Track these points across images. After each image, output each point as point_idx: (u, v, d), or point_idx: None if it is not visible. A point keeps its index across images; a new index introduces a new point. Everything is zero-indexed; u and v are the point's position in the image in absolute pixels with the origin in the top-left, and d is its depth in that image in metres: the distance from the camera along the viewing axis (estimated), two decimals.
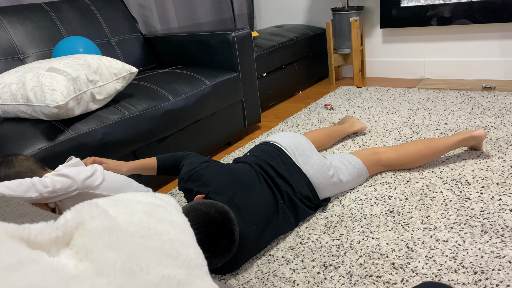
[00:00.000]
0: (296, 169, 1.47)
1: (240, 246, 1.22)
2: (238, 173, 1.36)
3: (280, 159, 1.47)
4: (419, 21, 2.93)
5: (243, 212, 1.26)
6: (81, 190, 1.22)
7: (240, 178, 1.35)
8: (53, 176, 1.18)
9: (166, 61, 2.45)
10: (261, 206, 1.31)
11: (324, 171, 1.49)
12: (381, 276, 1.16)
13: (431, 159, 1.68)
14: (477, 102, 2.40)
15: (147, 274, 0.40)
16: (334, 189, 1.54)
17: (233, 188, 1.30)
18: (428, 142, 1.66)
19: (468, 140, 1.67)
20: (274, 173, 1.42)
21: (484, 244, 1.23)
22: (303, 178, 1.46)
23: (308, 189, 1.46)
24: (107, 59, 1.64)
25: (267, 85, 2.81)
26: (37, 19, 1.99)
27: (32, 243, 0.39)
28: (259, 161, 1.45)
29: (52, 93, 1.39)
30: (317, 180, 1.47)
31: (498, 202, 1.42)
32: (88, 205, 0.45)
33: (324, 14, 3.44)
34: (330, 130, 1.98)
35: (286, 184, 1.42)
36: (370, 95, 2.81)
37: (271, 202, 1.34)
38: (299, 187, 1.44)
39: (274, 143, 1.56)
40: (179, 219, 0.52)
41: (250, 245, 1.25)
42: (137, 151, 1.72)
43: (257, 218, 1.28)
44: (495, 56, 2.81)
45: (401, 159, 1.66)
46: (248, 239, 1.24)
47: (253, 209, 1.28)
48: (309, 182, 1.46)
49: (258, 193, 1.33)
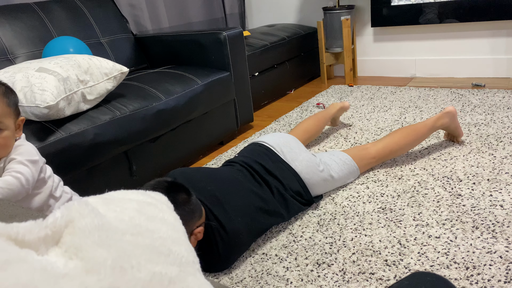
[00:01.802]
0: (286, 166, 1.47)
1: (229, 239, 1.22)
2: (217, 172, 1.37)
3: (268, 157, 1.49)
4: (409, 20, 2.95)
5: (226, 205, 1.25)
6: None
7: (220, 176, 1.36)
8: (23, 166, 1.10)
9: (157, 61, 2.44)
10: (246, 198, 1.30)
11: (313, 166, 1.50)
12: (374, 273, 1.16)
13: (416, 143, 1.73)
14: (467, 99, 2.42)
15: (138, 271, 0.39)
16: (326, 185, 1.54)
17: (212, 184, 1.30)
18: (410, 128, 1.74)
19: (442, 117, 1.75)
20: (263, 170, 1.43)
21: (475, 239, 1.24)
22: (293, 174, 1.46)
23: (298, 185, 1.46)
24: (98, 59, 1.63)
25: (259, 85, 2.81)
26: (27, 19, 1.97)
27: (20, 241, 0.38)
28: (247, 160, 1.47)
29: (42, 93, 1.38)
30: (307, 175, 1.48)
31: (489, 198, 1.43)
32: (78, 203, 0.44)
33: (316, 13, 3.45)
34: (316, 117, 2.03)
35: (276, 180, 1.42)
36: (361, 93, 2.82)
37: (259, 194, 1.35)
38: (290, 183, 1.44)
39: (262, 143, 1.57)
40: (171, 217, 0.52)
41: (239, 237, 1.25)
42: (129, 151, 1.71)
43: (242, 210, 1.27)
44: (485, 54, 2.84)
45: (389, 146, 1.69)
46: (235, 230, 1.24)
47: (236, 202, 1.28)
48: (299, 178, 1.47)
49: (243, 187, 1.33)
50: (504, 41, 2.74)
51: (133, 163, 1.74)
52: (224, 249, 1.22)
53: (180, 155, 1.97)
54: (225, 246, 1.22)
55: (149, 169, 1.82)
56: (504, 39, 2.74)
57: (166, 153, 1.89)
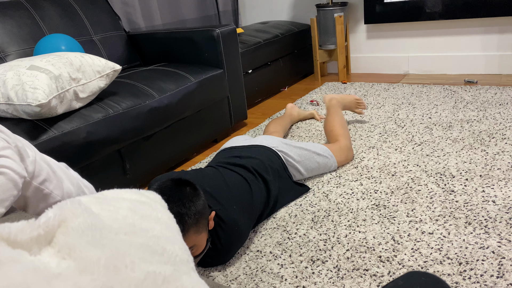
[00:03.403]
0: (250, 147, 1.59)
1: (227, 227, 1.23)
2: (201, 171, 1.40)
3: (237, 151, 1.57)
4: (402, 17, 2.96)
5: (218, 197, 1.28)
6: None
7: (205, 173, 1.38)
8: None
9: (150, 58, 2.43)
10: (233, 188, 1.33)
11: (278, 139, 1.66)
12: (368, 269, 1.17)
13: (343, 119, 1.92)
14: (460, 96, 2.43)
15: (131, 271, 0.39)
16: (299, 152, 1.63)
17: (200, 181, 1.32)
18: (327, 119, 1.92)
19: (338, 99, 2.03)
20: (235, 158, 1.51)
21: (468, 235, 1.25)
22: (260, 147, 1.57)
23: (271, 153, 1.55)
24: (90, 56, 1.62)
25: (253, 82, 2.80)
26: (17, 16, 1.95)
27: (12, 242, 0.38)
28: (218, 161, 1.53)
29: (34, 91, 1.36)
30: (271, 144, 1.61)
31: (481, 194, 1.44)
32: (71, 202, 0.44)
33: (309, 11, 3.45)
34: (280, 119, 2.16)
35: (251, 159, 1.49)
36: (355, 90, 2.83)
37: (241, 181, 1.38)
38: (264, 157, 1.51)
39: (224, 147, 1.68)
40: (164, 216, 0.52)
41: (238, 225, 1.25)
42: (122, 149, 1.70)
43: (234, 199, 1.30)
44: (477, 51, 2.85)
45: (338, 133, 1.82)
46: (233, 218, 1.25)
47: (226, 193, 1.30)
48: (265, 146, 1.58)
49: (226, 179, 1.36)
50: (496, 38, 2.76)
51: (127, 161, 1.73)
52: (225, 239, 1.24)
53: (174, 153, 1.96)
54: (226, 236, 1.23)
55: (142, 167, 1.81)
56: (496, 36, 2.76)
57: (160, 151, 1.89)
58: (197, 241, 1.11)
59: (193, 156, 2.15)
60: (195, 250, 1.12)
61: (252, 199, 1.35)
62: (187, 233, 1.07)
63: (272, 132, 2.00)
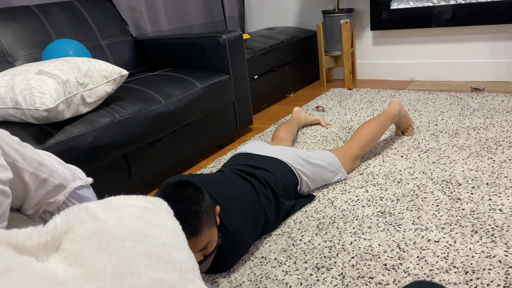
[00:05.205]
0: (266, 158, 1.58)
1: (230, 235, 1.23)
2: (209, 176, 1.40)
3: (252, 160, 1.56)
4: (409, 23, 2.96)
5: (223, 204, 1.28)
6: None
7: (213, 178, 1.38)
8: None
9: (157, 64, 2.45)
10: (239, 195, 1.33)
11: (289, 149, 1.64)
12: (374, 277, 1.16)
13: (381, 134, 1.83)
14: (466, 103, 2.42)
15: (138, 278, 0.39)
16: (314, 169, 1.60)
17: (207, 186, 1.32)
18: (371, 121, 1.84)
19: (392, 108, 1.90)
20: (248, 167, 1.50)
21: (474, 244, 1.24)
22: (276, 161, 1.55)
23: (283, 166, 1.53)
24: (98, 61, 1.63)
25: (258, 88, 2.81)
26: (26, 21, 1.97)
27: (20, 248, 0.38)
28: (231, 166, 1.54)
29: (42, 96, 1.38)
30: (288, 158, 1.58)
31: (488, 202, 1.43)
32: (78, 209, 0.44)
33: (315, 17, 3.45)
34: (288, 124, 2.15)
35: (263, 171, 1.48)
36: (361, 97, 2.82)
37: (250, 190, 1.38)
38: (279, 172, 1.50)
39: (240, 152, 1.68)
40: (170, 223, 0.52)
41: (240, 233, 1.26)
42: (128, 154, 1.71)
43: (239, 207, 1.30)
44: (484, 58, 2.84)
45: (360, 142, 1.77)
46: (235, 227, 1.25)
47: (232, 200, 1.30)
48: (282, 161, 1.56)
49: (234, 186, 1.36)
50: (503, 45, 2.75)
51: (132, 166, 1.73)
52: (227, 247, 1.24)
53: (180, 158, 1.97)
54: (228, 243, 1.23)
55: (148, 172, 1.81)
56: (503, 43, 2.74)
57: (166, 156, 1.89)
58: (211, 236, 1.12)
59: (199, 161, 2.16)
60: (210, 246, 1.13)
61: (259, 209, 1.35)
62: (203, 229, 1.07)
63: (283, 138, 1.99)
